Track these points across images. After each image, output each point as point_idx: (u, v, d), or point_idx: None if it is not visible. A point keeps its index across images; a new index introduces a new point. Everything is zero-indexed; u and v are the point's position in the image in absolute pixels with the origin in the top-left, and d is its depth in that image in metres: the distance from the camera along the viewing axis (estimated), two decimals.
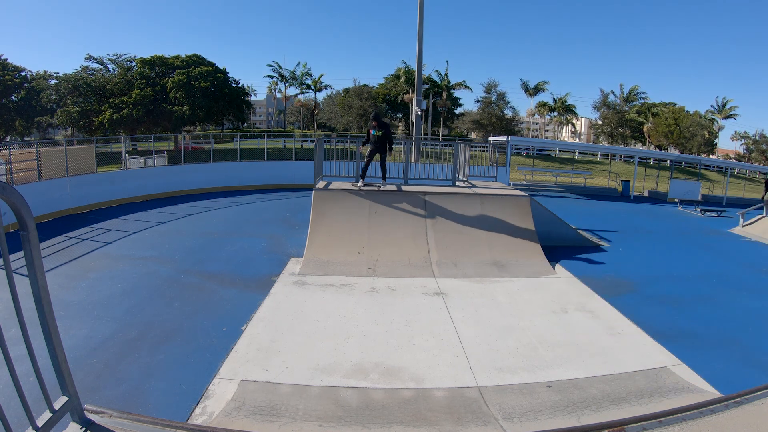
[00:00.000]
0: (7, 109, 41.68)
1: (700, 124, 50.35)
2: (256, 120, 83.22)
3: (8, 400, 1.83)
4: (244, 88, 47.98)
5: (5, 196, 1.57)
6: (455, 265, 8.37)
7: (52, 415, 1.87)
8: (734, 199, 24.11)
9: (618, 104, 54.51)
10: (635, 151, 30.76)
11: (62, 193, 13.02)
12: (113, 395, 4.30)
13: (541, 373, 4.84)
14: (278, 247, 9.85)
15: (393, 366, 4.87)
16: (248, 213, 13.95)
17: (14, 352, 1.69)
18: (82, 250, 9.25)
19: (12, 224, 7.12)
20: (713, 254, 11.19)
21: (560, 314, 6.51)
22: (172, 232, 11.19)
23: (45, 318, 1.82)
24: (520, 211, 9.57)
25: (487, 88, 54.52)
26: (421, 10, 20.50)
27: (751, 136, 58.00)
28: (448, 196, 9.52)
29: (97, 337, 5.46)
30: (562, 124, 61.62)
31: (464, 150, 12.02)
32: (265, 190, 18.39)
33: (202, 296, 6.94)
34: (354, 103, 54.03)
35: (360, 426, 3.83)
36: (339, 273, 7.90)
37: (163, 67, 41.34)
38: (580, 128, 71.38)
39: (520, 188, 13.86)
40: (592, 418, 4.01)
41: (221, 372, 4.66)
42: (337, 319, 6.04)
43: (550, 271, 8.53)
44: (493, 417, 4.04)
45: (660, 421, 2.29)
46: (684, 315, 6.88)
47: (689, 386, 4.67)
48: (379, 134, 9.41)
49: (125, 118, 37.36)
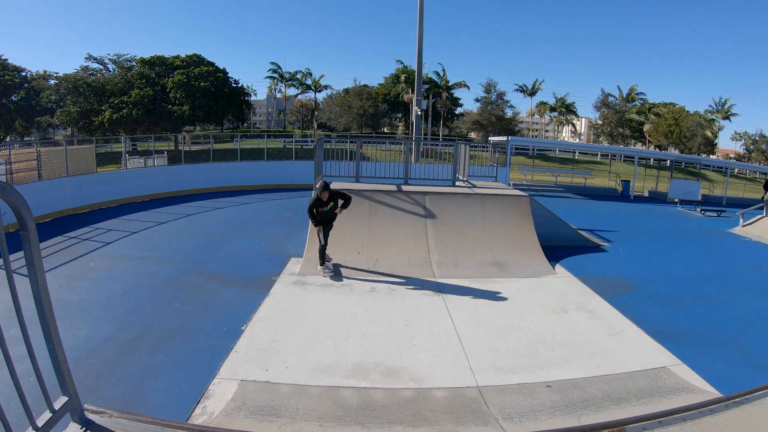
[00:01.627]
0: (7, 109, 41.66)
1: (700, 124, 50.32)
2: (256, 120, 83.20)
3: (8, 400, 1.83)
4: (244, 88, 47.98)
5: (5, 196, 1.57)
6: (455, 265, 8.37)
7: (52, 415, 1.87)
8: (734, 199, 24.11)
9: (618, 104, 54.50)
10: (635, 151, 30.75)
11: (62, 193, 13.02)
12: (113, 395, 4.30)
13: (541, 373, 4.84)
14: (278, 247, 9.85)
15: (393, 366, 4.87)
16: (248, 213, 13.95)
17: (14, 352, 1.69)
18: (82, 250, 9.25)
19: (12, 224, 7.12)
20: (713, 254, 11.18)
21: (560, 314, 6.51)
22: (172, 232, 11.19)
23: (45, 318, 1.82)
24: (520, 211, 9.56)
25: (486, 87, 54.54)
26: (421, 9, 20.50)
27: (751, 136, 57.99)
28: (448, 196, 9.52)
29: (97, 337, 5.46)
30: (563, 124, 61.60)
31: (464, 150, 12.03)
32: (265, 190, 18.40)
33: (202, 296, 6.94)
34: (354, 103, 54.00)
35: (360, 426, 3.83)
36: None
37: (163, 67, 41.32)
38: (580, 128, 71.36)
39: (520, 188, 13.85)
40: (592, 418, 4.01)
41: (221, 372, 4.66)
42: (337, 319, 6.04)
43: (550, 271, 8.53)
44: (493, 417, 4.04)
45: (660, 421, 2.29)
46: (684, 315, 6.88)
47: (689, 386, 4.67)
48: (330, 207, 7.71)
49: (125, 118, 37.35)
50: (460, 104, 60.12)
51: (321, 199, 7.54)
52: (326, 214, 7.73)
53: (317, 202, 7.57)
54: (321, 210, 7.64)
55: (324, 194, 7.56)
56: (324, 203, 7.60)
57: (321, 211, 7.65)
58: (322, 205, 7.62)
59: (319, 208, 7.63)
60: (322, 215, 7.72)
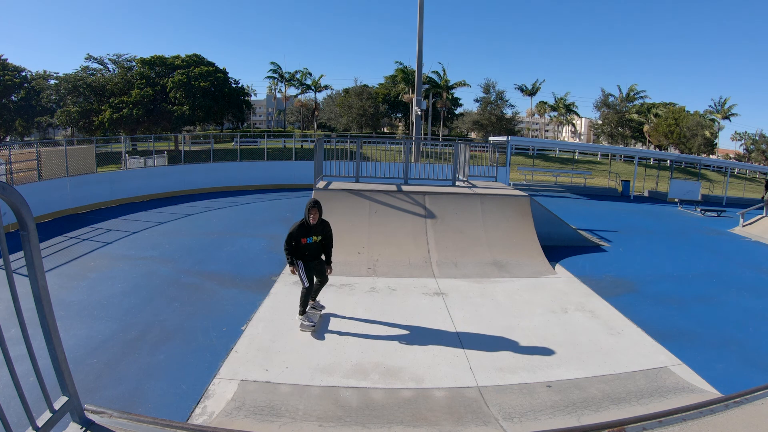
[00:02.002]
0: (7, 109, 41.68)
1: (701, 124, 50.32)
2: (256, 120, 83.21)
3: (8, 400, 1.84)
4: (244, 88, 47.94)
5: (5, 196, 1.57)
6: (455, 265, 8.37)
7: (52, 415, 1.87)
8: (734, 199, 24.12)
9: (618, 104, 54.49)
10: (635, 151, 30.75)
11: (62, 193, 13.02)
12: (113, 395, 4.30)
13: (541, 373, 4.83)
14: (278, 247, 9.82)
15: (393, 366, 4.87)
16: (248, 213, 13.96)
17: (14, 352, 1.69)
18: (82, 250, 9.25)
19: (12, 224, 7.12)
20: (713, 254, 11.18)
21: (560, 314, 6.51)
22: (172, 232, 11.19)
23: (45, 318, 1.82)
24: (520, 211, 9.56)
25: (485, 88, 54.53)
26: (421, 9, 20.49)
27: (751, 135, 57.97)
28: (448, 196, 9.52)
29: (97, 337, 5.46)
30: (563, 124, 61.60)
31: (464, 150, 12.03)
32: (265, 190, 18.40)
33: (202, 296, 6.94)
34: (354, 103, 54.03)
35: (360, 426, 3.83)
36: (339, 273, 7.86)
37: (163, 67, 41.31)
38: (580, 128, 71.38)
39: (520, 188, 13.86)
40: (592, 418, 4.01)
41: (221, 372, 4.66)
42: (337, 318, 6.04)
43: (550, 271, 8.53)
44: (493, 417, 4.04)
45: (660, 421, 2.29)
46: (684, 315, 6.88)
47: (689, 386, 4.67)
48: (317, 240, 5.56)
49: (125, 118, 37.34)
50: (460, 104, 60.19)
51: (306, 224, 5.45)
52: (310, 248, 5.53)
53: (300, 230, 5.43)
54: (304, 242, 5.46)
55: (313, 214, 5.42)
56: (309, 231, 5.47)
57: (304, 243, 5.46)
58: (307, 235, 5.47)
59: (302, 239, 5.45)
60: (304, 250, 5.49)
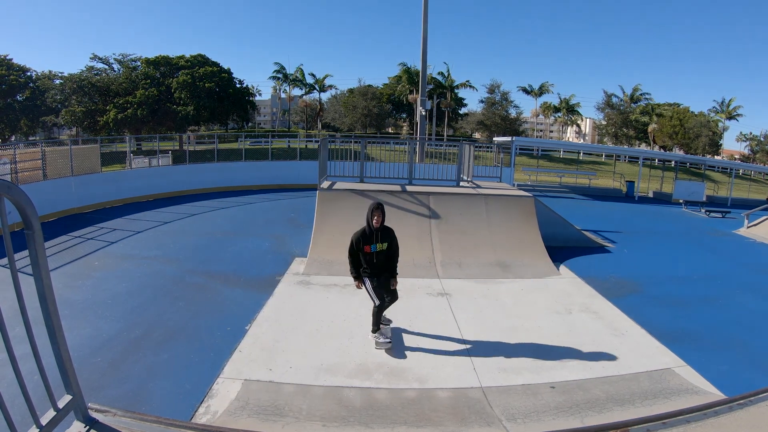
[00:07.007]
0: (12, 108, 41.99)
1: (705, 125, 50.04)
2: (260, 120, 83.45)
3: (13, 399, 1.84)
4: (248, 88, 48.14)
5: (10, 195, 1.58)
6: (459, 266, 8.36)
7: (56, 414, 1.88)
8: (739, 200, 23.94)
9: (622, 105, 54.27)
10: (640, 152, 30.63)
11: (67, 192, 13.10)
12: (117, 394, 4.31)
13: (544, 374, 4.82)
14: (282, 247, 9.86)
15: (397, 366, 4.87)
16: (252, 213, 13.99)
17: (19, 350, 1.70)
18: (86, 250, 9.30)
19: (17, 223, 7.17)
20: (718, 255, 11.11)
21: (564, 315, 6.48)
22: (177, 231, 11.23)
23: (49, 317, 1.83)
24: (524, 212, 9.53)
25: (490, 88, 54.48)
26: (425, 9, 20.49)
27: (756, 136, 57.58)
28: (452, 197, 9.50)
29: (101, 336, 5.49)
30: (567, 124, 61.41)
31: (469, 150, 12.00)
32: (269, 190, 18.44)
33: (206, 296, 6.96)
34: (358, 103, 54.11)
35: (363, 426, 3.83)
36: (343, 273, 7.81)
37: (168, 67, 41.51)
38: (584, 129, 71.13)
39: (525, 189, 13.81)
40: (596, 420, 3.99)
41: (225, 371, 4.67)
42: (342, 319, 6.04)
43: (554, 271, 8.50)
44: (496, 418, 4.03)
45: (664, 423, 2.28)
46: (688, 316, 6.84)
47: (693, 388, 4.64)
48: (382, 248, 4.91)
49: (130, 118, 37.55)
50: (464, 104, 60.10)
51: (368, 230, 4.82)
52: (376, 258, 4.88)
53: (362, 237, 4.83)
54: (367, 250, 4.84)
55: (376, 216, 4.78)
56: (372, 238, 4.82)
57: (368, 251, 4.85)
58: (370, 242, 4.83)
59: (365, 246, 4.83)
60: (369, 259, 4.88)
